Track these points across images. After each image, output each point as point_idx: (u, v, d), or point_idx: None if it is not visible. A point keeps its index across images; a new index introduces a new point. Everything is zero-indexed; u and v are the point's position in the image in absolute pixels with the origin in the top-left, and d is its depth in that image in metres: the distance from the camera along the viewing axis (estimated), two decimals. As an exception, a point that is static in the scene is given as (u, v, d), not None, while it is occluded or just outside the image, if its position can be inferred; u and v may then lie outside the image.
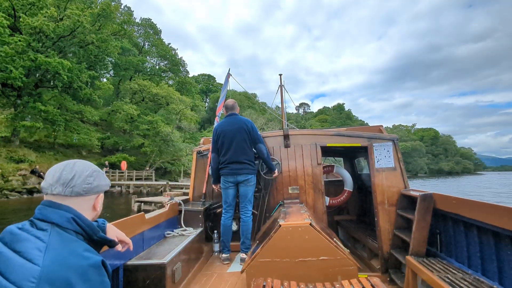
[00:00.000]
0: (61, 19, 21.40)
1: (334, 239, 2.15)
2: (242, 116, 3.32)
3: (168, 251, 2.26)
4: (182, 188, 18.78)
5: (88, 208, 0.97)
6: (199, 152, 3.95)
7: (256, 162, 3.32)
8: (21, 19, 18.87)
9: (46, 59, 19.66)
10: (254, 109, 59.21)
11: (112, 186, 21.38)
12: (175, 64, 42.17)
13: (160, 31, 43.44)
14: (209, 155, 3.65)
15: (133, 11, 38.12)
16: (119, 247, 1.20)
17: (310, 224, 1.95)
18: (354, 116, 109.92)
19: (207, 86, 73.74)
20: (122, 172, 25.66)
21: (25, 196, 17.86)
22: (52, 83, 22.26)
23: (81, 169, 0.94)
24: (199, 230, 3.09)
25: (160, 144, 31.87)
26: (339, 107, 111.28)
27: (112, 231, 1.21)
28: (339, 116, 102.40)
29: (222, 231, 3.17)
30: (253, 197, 3.26)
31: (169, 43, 43.39)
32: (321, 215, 3.30)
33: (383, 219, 3.08)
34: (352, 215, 4.68)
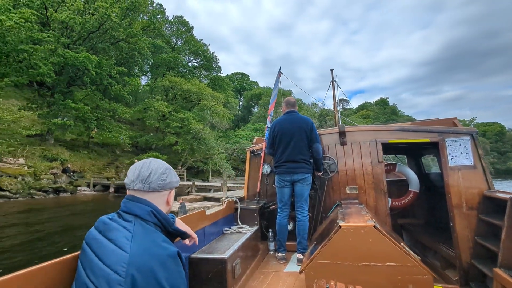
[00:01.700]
0: (90, 14, 20.74)
1: (402, 244, 1.87)
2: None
3: (227, 247, 2.31)
4: (210, 190, 16.60)
5: (163, 202, 1.07)
6: (252, 152, 3.96)
7: (311, 161, 3.14)
8: (48, 14, 18.46)
9: (73, 53, 19.04)
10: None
11: None
12: (207, 60, 41.01)
13: (192, 27, 42.72)
14: (262, 154, 3.77)
15: (165, 9, 37.83)
16: (186, 241, 1.33)
17: (374, 226, 1.81)
18: (400, 111, 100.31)
19: (241, 84, 72.39)
20: (153, 171, 24.59)
21: (51, 195, 17.27)
22: (80, 80, 21.79)
23: (156, 167, 1.05)
24: (255, 228, 3.10)
25: (192, 142, 30.69)
26: (383, 102, 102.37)
27: (180, 225, 1.36)
28: (382, 111, 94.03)
29: (278, 230, 3.13)
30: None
31: (201, 39, 42.43)
32: (384, 218, 3.08)
33: (461, 225, 2.74)
34: (419, 218, 4.26)
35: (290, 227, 3.36)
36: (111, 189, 20.03)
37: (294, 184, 3.08)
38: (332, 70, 8.46)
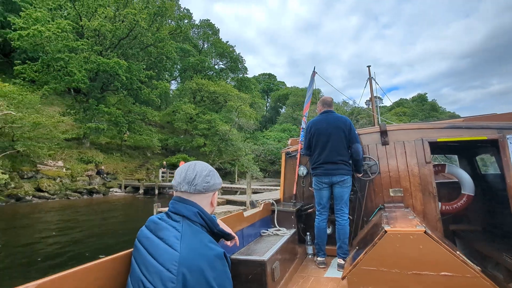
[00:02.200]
0: (120, 21, 21.46)
1: (457, 252, 1.70)
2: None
3: (266, 249, 2.29)
4: (236, 192, 16.05)
5: (207, 204, 1.10)
6: (287, 153, 3.94)
7: (350, 162, 3.05)
8: (81, 23, 19.36)
9: (105, 59, 19.76)
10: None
11: (163, 187, 20.29)
12: (234, 61, 41.05)
13: (218, 30, 43.11)
14: (298, 155, 3.72)
15: (191, 13, 38.57)
16: (228, 242, 1.31)
17: (425, 232, 1.66)
18: (441, 107, 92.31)
19: (268, 85, 71.79)
20: (181, 173, 24.84)
21: (85, 196, 17.93)
22: (112, 85, 22.61)
23: (200, 169, 1.08)
24: (292, 231, 3.07)
25: (219, 144, 30.67)
26: (420, 98, 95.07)
27: (223, 226, 1.33)
28: (420, 108, 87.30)
29: (317, 233, 3.06)
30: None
31: (227, 41, 42.59)
32: (434, 223, 2.89)
33: None
34: (474, 224, 3.72)
35: (329, 230, 3.30)
36: (141, 191, 20.44)
37: (333, 186, 3.00)
38: (369, 66, 8.18)
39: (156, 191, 19.64)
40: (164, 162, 25.05)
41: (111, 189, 20.28)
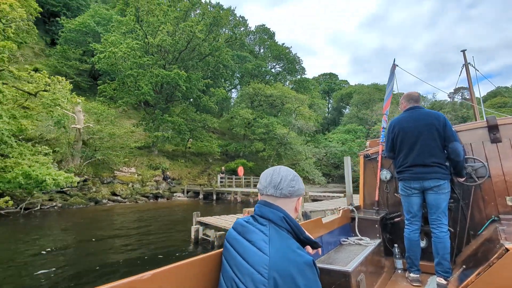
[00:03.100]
0: (179, 34, 22.82)
1: None
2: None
3: (349, 259, 2.12)
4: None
5: (292, 209, 1.08)
6: (366, 156, 3.63)
7: (447, 164, 2.60)
8: (146, 40, 21.19)
9: (166, 72, 21.12)
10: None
11: (221, 193, 20.19)
12: (290, 62, 39.95)
13: (274, 33, 42.77)
14: (379, 158, 3.40)
15: (247, 20, 39.23)
16: (310, 249, 1.24)
17: None
18: (561, 92, 71.75)
19: (329, 85, 67.99)
20: (239, 178, 24.72)
21: (151, 200, 19.13)
22: (175, 96, 24.07)
23: (285, 174, 1.07)
24: (377, 241, 2.75)
25: (278, 148, 29.76)
26: (528, 84, 76.09)
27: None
28: (529, 95, 69.55)
29: (408, 246, 2.67)
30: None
31: (283, 43, 41.79)
32: None
33: None
34: None
35: (423, 244, 2.89)
36: (200, 196, 20.90)
37: (426, 193, 2.60)
38: (464, 51, 6.94)
39: (214, 197, 19.74)
40: (223, 168, 25.37)
41: (174, 194, 21.33)
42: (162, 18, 22.55)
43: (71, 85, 13.55)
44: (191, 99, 25.12)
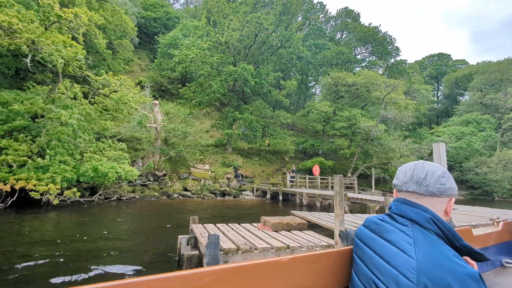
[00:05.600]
0: (247, 28, 22.26)
1: None
2: None
3: None
4: (361, 203, 11.31)
5: (441, 210, 0.94)
6: None
7: None
8: (215, 39, 21.48)
9: (234, 68, 20.82)
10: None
11: (288, 193, 18.12)
12: (379, 43, 33.72)
13: (358, 14, 37.23)
14: None
15: (325, 5, 35.52)
16: (468, 260, 1.05)
17: None
18: None
19: (438, 68, 55.02)
20: (314, 178, 22.07)
21: (218, 197, 19.00)
22: (244, 92, 23.62)
23: (432, 169, 0.94)
24: None
25: (362, 144, 25.35)
26: None
27: None
28: None
29: None
30: None
31: (370, 23, 35.85)
32: None
33: None
34: None
35: None
36: (268, 195, 19.53)
37: None
38: None
39: (280, 197, 17.99)
40: (294, 166, 23.26)
41: (243, 192, 20.75)
42: (232, 15, 22.51)
43: (138, 86, 14.55)
44: (261, 94, 24.16)
